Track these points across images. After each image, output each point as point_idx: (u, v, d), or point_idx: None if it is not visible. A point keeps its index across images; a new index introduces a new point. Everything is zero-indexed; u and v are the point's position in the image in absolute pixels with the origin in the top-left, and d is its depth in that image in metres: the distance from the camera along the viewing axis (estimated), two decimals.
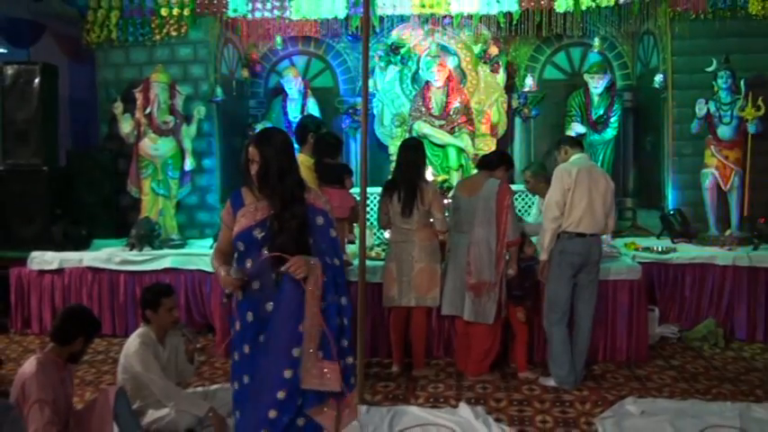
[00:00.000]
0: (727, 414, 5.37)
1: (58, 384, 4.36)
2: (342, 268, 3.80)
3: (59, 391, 4.36)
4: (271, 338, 3.66)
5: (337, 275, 3.73)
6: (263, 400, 3.64)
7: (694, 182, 8.48)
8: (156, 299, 5.08)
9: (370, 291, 6.47)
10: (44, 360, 4.35)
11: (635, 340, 6.85)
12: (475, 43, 9.85)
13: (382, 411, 5.51)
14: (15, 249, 8.11)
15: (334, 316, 3.66)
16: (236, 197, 3.85)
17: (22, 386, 4.21)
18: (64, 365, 4.49)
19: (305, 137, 6.50)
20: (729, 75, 8.01)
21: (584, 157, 6.24)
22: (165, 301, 5.08)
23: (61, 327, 4.48)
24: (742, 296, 7.48)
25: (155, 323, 5.10)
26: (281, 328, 3.62)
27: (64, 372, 4.49)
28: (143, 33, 9.06)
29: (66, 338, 4.43)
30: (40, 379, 4.20)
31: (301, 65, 10.55)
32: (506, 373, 6.46)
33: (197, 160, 8.79)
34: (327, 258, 3.69)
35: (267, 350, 3.67)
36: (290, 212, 3.66)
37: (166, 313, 5.09)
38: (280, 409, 3.61)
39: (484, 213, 6.19)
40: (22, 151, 8.29)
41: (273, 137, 3.79)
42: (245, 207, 3.76)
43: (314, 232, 3.73)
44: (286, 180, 3.69)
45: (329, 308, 3.64)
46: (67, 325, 4.47)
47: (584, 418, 5.41)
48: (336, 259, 3.74)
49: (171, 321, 5.16)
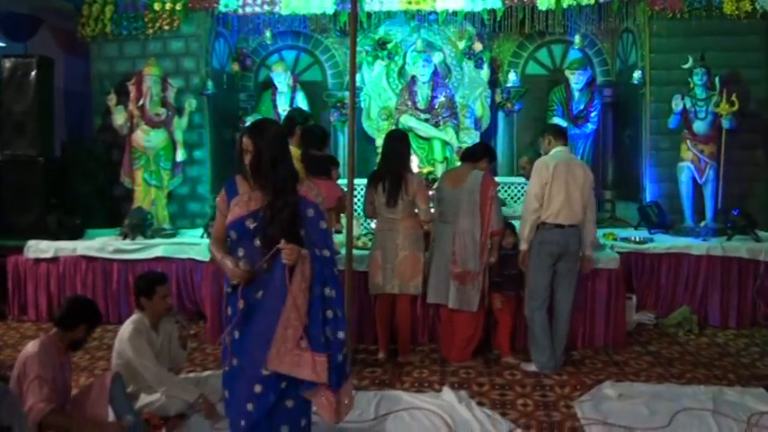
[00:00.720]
0: (700, 397, 5.48)
1: (57, 367, 4.47)
2: (331, 260, 3.85)
3: (58, 373, 4.47)
4: (257, 324, 3.75)
5: (325, 267, 3.79)
6: (250, 375, 3.75)
7: (671, 175, 8.67)
8: (150, 286, 5.13)
9: (356, 279, 6.61)
10: (47, 342, 4.46)
11: (613, 327, 6.98)
12: (460, 39, 9.99)
13: (369, 396, 5.59)
14: (12, 238, 8.23)
15: (320, 307, 3.73)
16: (230, 185, 3.90)
17: (24, 364, 4.32)
18: (65, 351, 4.59)
19: (292, 129, 6.46)
20: (705, 72, 8.17)
21: (565, 151, 6.32)
22: (159, 288, 5.14)
23: (67, 313, 4.57)
24: (715, 284, 7.67)
25: (149, 310, 5.16)
26: (267, 314, 3.72)
27: (64, 357, 4.60)
28: (136, 27, 9.17)
29: (69, 324, 4.52)
30: (41, 358, 4.31)
31: (290, 59, 10.65)
32: (489, 359, 6.57)
33: (188, 152, 8.90)
34: (316, 250, 3.76)
35: (254, 335, 3.76)
36: (283, 202, 3.71)
37: (160, 300, 5.15)
38: (265, 385, 3.73)
39: (468, 204, 6.31)
40: (18, 142, 8.41)
41: (267, 128, 3.84)
42: (239, 196, 3.81)
43: (305, 224, 3.79)
44: (278, 170, 3.74)
45: (315, 300, 3.73)
46: (73, 312, 4.57)
47: (564, 402, 5.53)
48: (326, 250, 3.81)
49: (165, 308, 5.21)
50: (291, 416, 3.87)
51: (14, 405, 3.78)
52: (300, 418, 3.93)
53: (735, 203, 8.33)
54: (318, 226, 3.83)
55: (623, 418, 5.11)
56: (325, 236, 3.87)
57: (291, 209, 3.73)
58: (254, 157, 3.73)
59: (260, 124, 3.92)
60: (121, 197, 9.22)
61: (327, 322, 3.77)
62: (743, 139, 8.66)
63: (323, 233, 3.85)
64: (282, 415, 3.84)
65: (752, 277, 7.66)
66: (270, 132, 3.80)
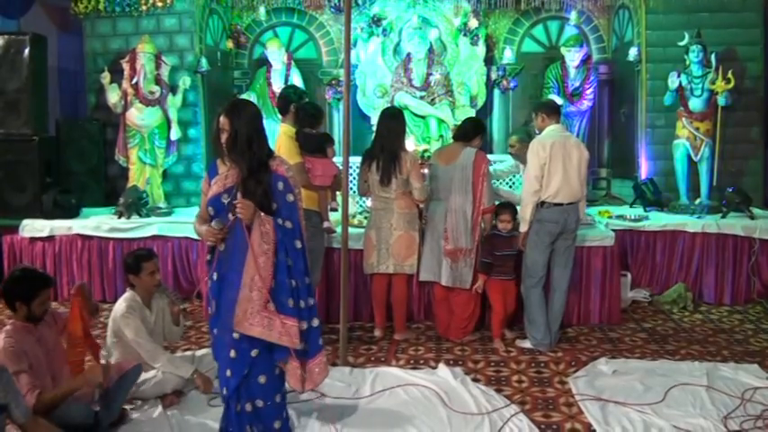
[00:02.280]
0: (695, 373, 5.55)
1: (34, 345, 4.45)
2: (293, 232, 3.97)
3: (37, 350, 4.45)
4: (227, 291, 3.92)
5: (286, 236, 3.92)
6: (225, 341, 3.93)
7: (667, 152, 8.70)
8: (137, 263, 5.19)
9: (352, 257, 6.67)
10: (12, 330, 4.42)
11: (608, 304, 7.04)
12: (455, 16, 9.93)
13: (365, 372, 5.67)
14: (7, 217, 8.24)
15: (285, 274, 3.89)
16: (212, 167, 4.10)
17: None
18: (35, 327, 4.54)
19: (287, 107, 6.46)
20: (701, 49, 8.18)
21: (559, 129, 6.30)
22: (145, 265, 5.19)
23: (3, 295, 4.56)
24: (710, 262, 7.71)
25: (139, 287, 5.23)
26: (234, 276, 3.89)
27: (36, 332, 4.54)
28: (129, 4, 9.06)
29: (11, 307, 4.52)
30: (8, 352, 4.26)
31: (285, 36, 10.59)
32: (484, 336, 6.61)
33: (183, 130, 8.90)
34: (280, 220, 3.91)
35: (225, 302, 3.93)
36: (256, 179, 3.87)
37: (148, 277, 5.21)
38: (237, 350, 3.91)
39: (461, 182, 6.32)
40: (12, 121, 8.38)
41: (243, 107, 3.98)
42: (219, 176, 4.00)
43: (276, 197, 3.93)
44: (253, 148, 3.88)
45: (280, 265, 3.89)
46: (6, 296, 4.53)
47: (559, 378, 5.58)
48: (289, 222, 3.93)
49: (153, 285, 5.27)
50: (264, 392, 4.03)
51: (10, 384, 3.80)
52: (275, 393, 4.07)
53: (730, 181, 8.39)
54: (285, 198, 3.95)
55: (618, 394, 5.15)
56: (292, 209, 3.99)
57: (264, 186, 3.88)
58: (231, 135, 3.86)
59: (236, 104, 4.04)
60: (116, 176, 9.23)
61: (293, 290, 3.92)
62: (738, 117, 8.68)
63: (289, 205, 3.97)
64: (255, 390, 4.01)
65: (747, 255, 7.70)
66: (246, 112, 3.94)
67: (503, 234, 6.38)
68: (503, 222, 6.38)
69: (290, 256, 3.93)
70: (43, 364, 4.48)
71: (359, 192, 6.86)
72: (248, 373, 3.95)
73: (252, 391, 4.00)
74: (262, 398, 4.00)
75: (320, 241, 6.49)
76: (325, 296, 6.93)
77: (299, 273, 3.97)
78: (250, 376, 3.96)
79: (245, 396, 4.01)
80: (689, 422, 4.70)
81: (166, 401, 5.03)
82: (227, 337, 3.91)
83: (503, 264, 6.40)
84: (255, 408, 4.02)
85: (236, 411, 4.03)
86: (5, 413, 3.71)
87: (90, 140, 9.11)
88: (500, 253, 6.35)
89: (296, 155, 6.14)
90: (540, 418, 4.87)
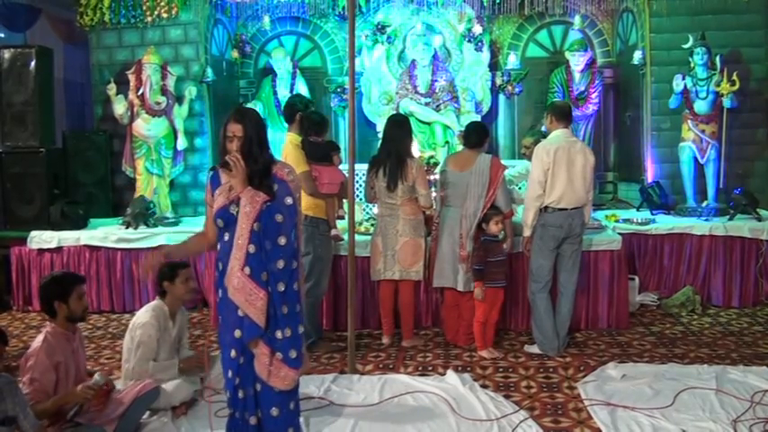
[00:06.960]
0: (704, 377, 5.53)
1: (68, 354, 4.48)
2: (281, 226, 3.81)
3: (70, 360, 4.48)
4: (225, 281, 3.88)
5: (272, 227, 3.78)
6: (227, 341, 3.87)
7: (673, 155, 8.68)
8: (172, 270, 5.22)
9: (359, 265, 6.67)
10: (52, 333, 4.45)
11: (616, 308, 7.02)
12: (459, 22, 9.94)
13: (373, 380, 5.66)
14: (16, 229, 8.27)
15: (261, 250, 3.79)
16: (213, 177, 4.02)
17: (26, 359, 4.35)
18: (73, 334, 4.59)
19: (293, 116, 6.49)
20: (705, 51, 8.17)
21: (565, 133, 6.26)
22: (181, 272, 5.25)
23: (41, 302, 4.61)
24: (718, 264, 7.69)
25: (170, 294, 5.26)
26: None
27: (74, 341, 4.60)
28: (135, 15, 9.11)
29: (48, 310, 4.53)
30: (40, 357, 4.30)
31: (290, 45, 10.63)
32: (494, 342, 6.52)
33: (189, 140, 8.93)
34: (279, 216, 3.83)
35: (224, 296, 3.88)
36: (261, 183, 3.81)
37: (183, 284, 5.26)
38: (237, 349, 3.84)
39: (477, 187, 6.27)
40: (20, 133, 8.40)
41: (251, 113, 3.92)
42: (222, 186, 3.93)
43: (277, 198, 3.89)
44: (264, 153, 3.85)
45: (257, 240, 3.80)
46: (42, 299, 4.57)
47: (567, 383, 5.57)
48: (279, 215, 3.79)
49: (187, 291, 5.32)
50: (280, 400, 3.93)
51: (19, 395, 3.82)
52: (289, 401, 3.97)
53: (736, 183, 8.37)
54: (284, 201, 3.86)
55: (627, 399, 5.14)
56: (290, 211, 3.90)
57: (267, 190, 3.83)
58: (245, 141, 3.80)
59: (244, 111, 3.97)
60: (123, 186, 9.26)
61: (268, 265, 3.82)
62: (744, 119, 8.68)
63: (287, 208, 3.88)
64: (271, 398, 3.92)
65: (754, 256, 7.68)
66: (255, 118, 3.91)
67: (495, 239, 6.29)
68: (496, 225, 6.27)
69: (270, 241, 3.79)
70: (71, 377, 4.50)
71: (366, 198, 6.86)
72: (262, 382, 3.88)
73: (268, 399, 3.90)
74: (277, 406, 3.92)
75: (328, 249, 6.50)
76: (332, 304, 6.95)
77: (274, 258, 3.81)
78: (264, 385, 3.88)
79: (263, 404, 3.92)
80: (698, 426, 4.69)
81: (177, 412, 5.04)
82: (229, 336, 3.86)
83: (495, 270, 6.27)
84: (270, 416, 3.92)
85: (245, 420, 3.95)
86: (15, 424, 3.71)
87: (97, 151, 9.13)
88: (493, 259, 6.23)
89: (302, 163, 6.15)
90: (549, 423, 4.86)
